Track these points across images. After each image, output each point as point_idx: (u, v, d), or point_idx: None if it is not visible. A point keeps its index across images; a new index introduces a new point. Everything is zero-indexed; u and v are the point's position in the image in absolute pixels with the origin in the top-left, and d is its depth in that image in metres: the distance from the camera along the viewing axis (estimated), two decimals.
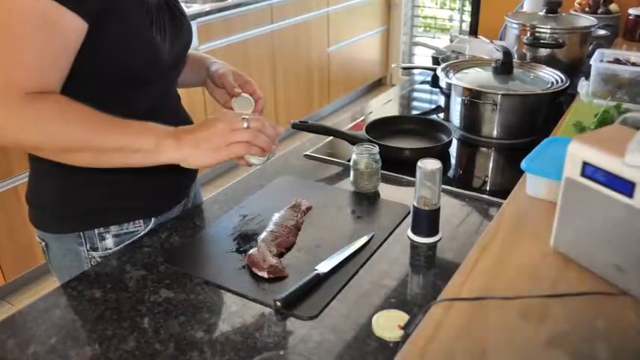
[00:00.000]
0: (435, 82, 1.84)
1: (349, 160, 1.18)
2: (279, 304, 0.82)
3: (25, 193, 1.06)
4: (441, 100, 1.78)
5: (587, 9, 2.10)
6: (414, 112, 1.74)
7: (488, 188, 1.25)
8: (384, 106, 1.74)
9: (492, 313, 0.65)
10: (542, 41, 1.71)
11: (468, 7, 4.05)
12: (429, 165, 0.95)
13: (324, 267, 0.90)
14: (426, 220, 0.99)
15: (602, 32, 1.86)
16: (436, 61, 1.90)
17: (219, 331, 0.80)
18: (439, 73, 1.51)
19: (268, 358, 0.75)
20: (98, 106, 0.84)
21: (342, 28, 4.13)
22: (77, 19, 0.82)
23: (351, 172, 1.16)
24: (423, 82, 1.95)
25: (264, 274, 0.89)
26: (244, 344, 0.77)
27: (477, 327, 0.63)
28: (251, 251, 0.94)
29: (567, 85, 1.41)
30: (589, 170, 0.68)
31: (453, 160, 1.36)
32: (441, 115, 1.67)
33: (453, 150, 1.40)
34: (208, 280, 0.90)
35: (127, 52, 0.91)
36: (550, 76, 1.47)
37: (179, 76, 1.11)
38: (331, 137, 1.41)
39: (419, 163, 0.96)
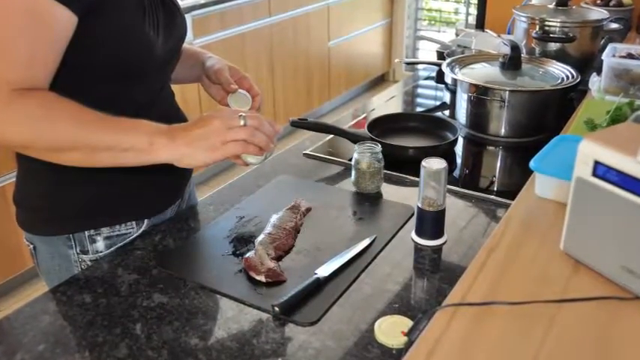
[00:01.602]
0: (439, 77, 1.85)
1: (350, 160, 1.17)
2: (277, 309, 0.81)
3: (12, 193, 1.05)
4: (447, 97, 1.77)
5: (598, 2, 2.09)
6: (418, 109, 1.74)
7: (495, 189, 1.24)
8: (386, 102, 1.74)
9: (500, 319, 0.65)
10: (551, 35, 1.70)
11: (475, 0, 4.02)
12: (434, 164, 0.95)
13: (324, 271, 0.90)
14: (431, 222, 0.98)
15: (614, 26, 1.84)
16: (441, 55, 1.90)
17: (214, 337, 0.79)
18: (444, 68, 1.50)
19: None
20: (90, 101, 0.83)
21: (343, 21, 4.11)
22: (67, 13, 0.81)
23: (353, 172, 1.15)
24: (427, 78, 1.95)
25: (262, 278, 0.88)
26: (241, 351, 0.76)
27: (484, 333, 0.63)
28: (248, 254, 0.93)
29: (578, 81, 1.40)
30: (601, 170, 0.67)
31: (458, 160, 1.36)
32: (447, 112, 1.66)
33: (459, 149, 1.40)
34: (203, 284, 0.89)
35: (119, 46, 0.90)
36: (560, 72, 1.46)
37: (173, 71, 1.10)
38: (332, 135, 1.40)
39: (423, 163, 0.96)
